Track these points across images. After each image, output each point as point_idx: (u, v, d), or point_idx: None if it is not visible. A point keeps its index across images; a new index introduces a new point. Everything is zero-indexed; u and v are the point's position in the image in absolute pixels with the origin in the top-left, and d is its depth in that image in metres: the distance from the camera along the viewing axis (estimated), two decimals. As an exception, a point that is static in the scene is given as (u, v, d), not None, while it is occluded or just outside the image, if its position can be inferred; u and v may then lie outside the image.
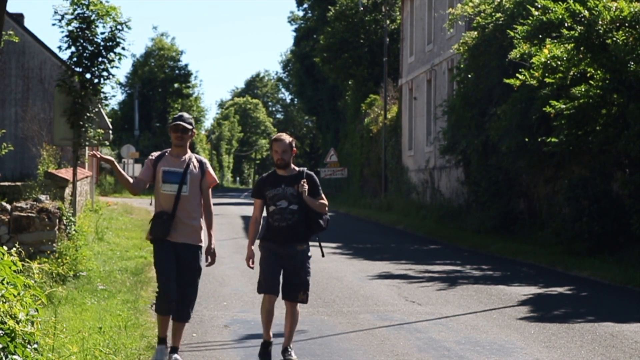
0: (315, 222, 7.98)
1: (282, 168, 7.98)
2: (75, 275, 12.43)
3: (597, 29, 16.11)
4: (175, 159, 7.84)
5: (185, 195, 7.74)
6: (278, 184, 7.95)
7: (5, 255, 5.21)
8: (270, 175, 8.10)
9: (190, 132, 7.89)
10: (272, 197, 7.93)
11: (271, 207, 7.94)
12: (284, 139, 7.99)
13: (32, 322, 5.19)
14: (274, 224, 7.91)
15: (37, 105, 30.74)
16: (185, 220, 7.73)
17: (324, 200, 8.04)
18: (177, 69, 68.60)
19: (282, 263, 7.93)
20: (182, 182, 7.74)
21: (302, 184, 7.84)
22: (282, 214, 7.88)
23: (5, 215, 11.73)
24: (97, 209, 26.04)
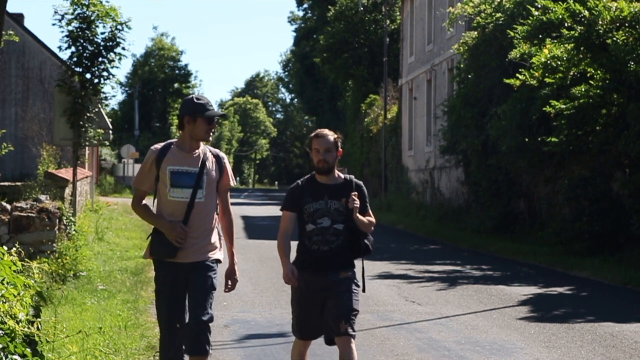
0: (363, 244, 6.30)
1: (323, 174, 6.25)
2: (75, 275, 12.43)
3: (597, 29, 16.11)
4: (186, 154, 6.03)
5: (201, 203, 5.99)
6: (320, 195, 6.22)
7: (5, 255, 5.21)
8: (310, 183, 6.30)
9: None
10: (312, 212, 6.19)
11: (309, 225, 6.19)
12: (327, 135, 6.25)
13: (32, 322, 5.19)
14: (313, 248, 6.18)
15: (37, 105, 30.74)
16: (199, 235, 6.00)
17: (372, 217, 6.35)
18: (177, 69, 68.63)
19: (322, 297, 6.23)
20: (197, 186, 5.97)
21: (353, 198, 6.14)
22: (323, 235, 6.16)
23: (5, 215, 11.73)
24: (97, 209, 26.05)
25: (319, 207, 6.19)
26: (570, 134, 17.51)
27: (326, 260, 6.18)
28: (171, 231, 5.89)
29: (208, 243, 6.05)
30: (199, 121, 6.01)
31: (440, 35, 31.91)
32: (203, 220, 6.02)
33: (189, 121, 6.03)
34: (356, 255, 6.32)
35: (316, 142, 6.24)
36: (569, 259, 16.64)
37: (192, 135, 6.03)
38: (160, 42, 69.42)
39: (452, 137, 25.80)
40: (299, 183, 6.34)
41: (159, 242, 5.95)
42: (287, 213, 6.28)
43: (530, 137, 19.59)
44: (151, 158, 6.07)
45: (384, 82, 39.68)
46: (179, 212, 5.97)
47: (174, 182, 5.98)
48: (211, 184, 6.05)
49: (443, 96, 30.27)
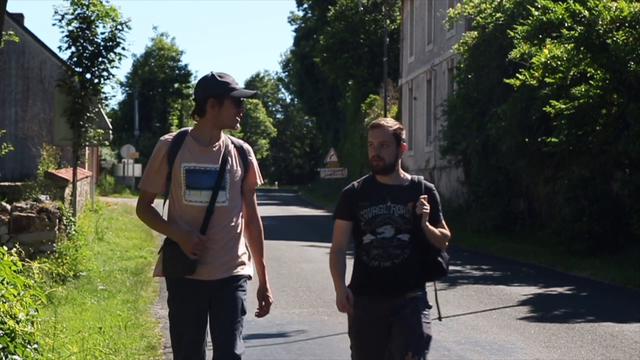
0: (434, 261, 5.06)
1: (381, 173, 5.02)
2: (75, 275, 12.44)
3: (597, 29, 16.12)
4: (204, 147, 4.91)
5: (224, 207, 4.90)
6: (380, 197, 4.99)
7: (5, 255, 5.21)
8: (368, 184, 5.08)
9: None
10: (370, 219, 4.96)
11: (367, 236, 4.96)
12: (384, 126, 5.03)
13: (32, 322, 5.19)
14: (372, 264, 4.94)
15: (37, 105, 30.75)
16: (223, 246, 4.92)
17: (446, 229, 5.11)
18: (177, 69, 68.62)
19: (387, 326, 5.00)
20: (217, 187, 4.89)
21: (422, 202, 4.93)
22: (385, 248, 4.93)
23: (5, 215, 11.73)
24: (97, 209, 26.05)
25: (379, 212, 4.95)
26: (570, 134, 17.52)
27: (389, 280, 4.93)
28: (186, 242, 4.81)
29: (235, 256, 4.95)
30: (226, 104, 4.86)
31: (440, 35, 31.91)
32: (227, 228, 4.91)
33: (213, 105, 4.85)
34: (429, 274, 5.10)
35: (371, 133, 5.05)
36: (569, 259, 16.64)
37: (216, 122, 4.88)
38: (160, 42, 69.41)
39: (452, 137, 25.81)
40: (354, 185, 5.11)
41: (173, 256, 4.84)
42: (340, 222, 5.04)
43: (530, 137, 19.59)
44: (161, 153, 4.90)
45: (384, 82, 39.70)
46: (197, 219, 4.86)
47: (190, 183, 4.86)
48: (235, 183, 4.95)
49: (443, 96, 30.27)
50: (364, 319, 4.99)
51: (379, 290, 4.97)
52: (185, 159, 4.90)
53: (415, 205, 4.95)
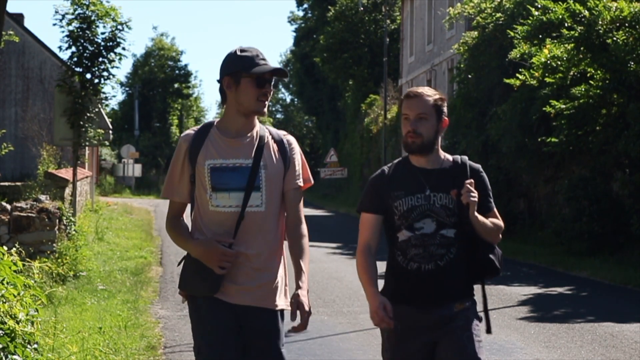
0: (485, 259, 4.16)
1: (415, 153, 4.14)
2: (75, 275, 12.44)
3: (597, 29, 16.12)
4: (231, 140, 4.08)
5: (259, 213, 4.04)
6: (417, 185, 4.12)
7: (5, 255, 5.21)
8: (401, 168, 4.20)
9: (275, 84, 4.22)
10: (406, 212, 4.09)
11: (403, 232, 4.10)
12: (422, 95, 4.13)
13: (32, 322, 5.19)
14: (411, 267, 4.09)
15: (37, 105, 30.75)
16: (258, 264, 4.05)
17: (499, 219, 4.25)
18: (177, 69, 68.59)
19: (429, 343, 4.14)
20: (250, 187, 4.02)
21: (468, 188, 4.03)
22: (426, 247, 4.06)
23: (5, 215, 11.73)
24: (97, 209, 26.05)
25: (417, 203, 4.08)
26: (570, 134, 17.52)
27: (432, 286, 4.07)
28: (209, 254, 3.97)
29: (272, 279, 4.07)
30: (243, 83, 4.02)
31: (440, 35, 31.92)
32: (263, 240, 4.03)
33: (229, 85, 4.05)
34: (476, 276, 4.19)
35: (406, 105, 4.14)
36: (569, 259, 16.64)
37: (238, 107, 4.05)
38: (160, 42, 69.39)
39: (452, 137, 25.81)
40: (385, 170, 4.21)
41: (194, 269, 4.02)
42: (367, 216, 4.16)
43: (530, 137, 19.59)
44: (182, 151, 4.09)
45: (384, 82, 39.70)
46: (226, 228, 4.01)
47: (216, 184, 4.02)
48: (273, 183, 4.05)
49: (443, 96, 30.27)
50: (402, 332, 4.11)
51: (420, 298, 4.08)
52: (209, 155, 4.04)
53: (460, 192, 4.04)
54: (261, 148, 4.08)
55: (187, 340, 8.89)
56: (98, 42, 16.99)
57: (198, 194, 4.11)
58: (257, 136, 4.11)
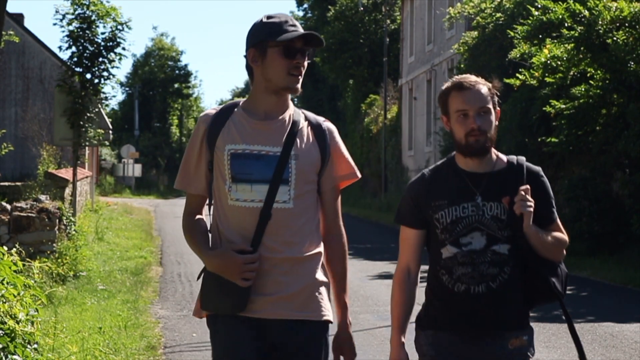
0: (543, 279, 3.48)
1: (480, 154, 3.52)
2: (75, 275, 12.44)
3: (597, 29, 16.12)
4: (258, 123, 3.45)
5: (286, 210, 3.41)
6: (464, 193, 3.50)
7: (5, 255, 5.21)
8: (446, 171, 3.60)
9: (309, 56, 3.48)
10: (450, 224, 3.48)
11: (447, 248, 3.48)
12: (480, 85, 3.52)
13: (32, 322, 5.19)
14: (457, 289, 3.46)
15: (37, 105, 30.76)
16: (287, 268, 3.41)
17: (562, 232, 3.63)
18: (177, 69, 68.65)
19: None
20: (277, 179, 3.40)
21: (522, 197, 3.40)
22: (476, 266, 3.44)
23: (5, 215, 11.73)
24: (97, 209, 26.06)
25: (463, 213, 3.45)
26: (570, 134, 17.52)
27: (483, 312, 3.44)
28: (226, 266, 3.34)
29: (310, 284, 3.43)
30: (270, 54, 3.39)
31: (440, 35, 31.92)
32: (291, 242, 3.39)
33: (255, 57, 3.43)
34: (533, 299, 3.55)
35: (461, 98, 3.47)
36: (569, 259, 16.54)
37: (266, 84, 3.42)
38: (160, 42, 69.42)
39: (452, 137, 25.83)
40: (424, 174, 3.62)
41: (214, 284, 3.39)
42: (407, 232, 3.56)
43: (530, 137, 19.60)
44: (200, 133, 3.47)
45: (384, 82, 39.71)
46: (248, 228, 3.38)
47: (237, 174, 3.38)
48: (305, 176, 3.42)
49: (443, 96, 30.29)
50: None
51: (467, 326, 3.45)
52: (231, 139, 3.40)
53: (513, 200, 3.41)
54: (294, 134, 3.41)
55: (187, 340, 8.90)
56: (98, 42, 17.00)
57: (216, 185, 3.46)
58: (290, 120, 3.45)
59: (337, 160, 3.51)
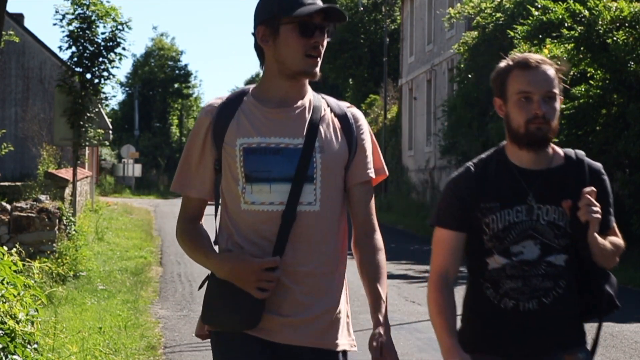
0: (599, 290, 3.09)
1: (540, 146, 3.01)
2: (75, 275, 12.45)
3: (597, 29, 16.13)
4: (273, 111, 2.95)
5: (311, 213, 2.90)
6: (517, 194, 3.00)
7: (5, 255, 5.21)
8: (493, 167, 3.07)
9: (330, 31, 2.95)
10: (501, 231, 2.99)
11: (495, 257, 3.01)
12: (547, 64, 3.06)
13: (32, 322, 5.19)
14: (505, 305, 3.01)
15: (37, 105, 30.77)
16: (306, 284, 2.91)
17: (619, 236, 3.28)
18: (177, 69, 68.66)
19: None
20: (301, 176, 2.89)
21: (588, 201, 2.90)
22: (527, 279, 2.98)
23: (5, 215, 11.73)
24: (97, 209, 26.06)
25: (518, 219, 2.95)
26: (570, 134, 17.52)
27: (534, 331, 2.98)
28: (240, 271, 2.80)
29: (331, 308, 2.94)
30: (283, 32, 2.86)
31: (440, 35, 31.93)
32: (317, 252, 2.89)
33: (265, 36, 2.90)
34: (590, 313, 3.08)
35: (524, 78, 2.96)
36: (569, 259, 16.66)
37: (279, 67, 2.90)
38: (160, 42, 69.43)
39: (452, 137, 25.82)
40: (470, 168, 3.06)
41: (221, 295, 2.86)
42: (445, 234, 3.05)
43: (530, 137, 19.61)
44: (203, 126, 2.95)
45: (384, 82, 39.72)
46: (266, 235, 2.86)
47: (252, 172, 2.87)
48: (332, 172, 2.91)
49: (443, 96, 30.29)
50: None
51: (515, 348, 2.99)
52: (243, 132, 2.88)
53: (577, 205, 2.90)
54: (316, 123, 2.89)
55: (187, 340, 8.90)
56: (98, 42, 17.01)
57: (225, 187, 2.91)
58: (310, 107, 2.93)
59: (366, 152, 2.97)
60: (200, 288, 3.02)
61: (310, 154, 2.87)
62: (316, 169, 2.88)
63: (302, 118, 2.92)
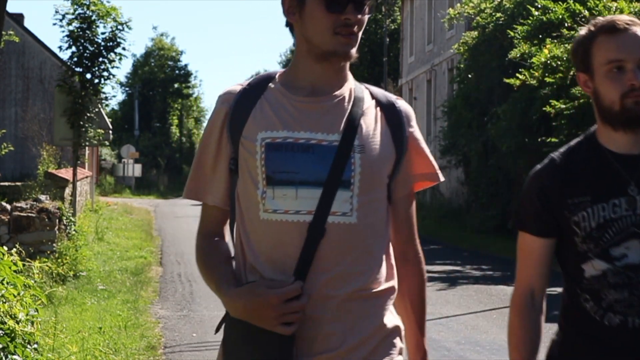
0: None
1: (633, 125, 2.43)
2: (75, 275, 12.45)
3: (597, 29, 16.14)
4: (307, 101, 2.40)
5: (348, 226, 2.33)
6: (615, 183, 2.43)
7: (5, 255, 5.21)
8: (582, 155, 2.52)
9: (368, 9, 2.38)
10: (596, 229, 2.42)
11: (592, 262, 2.44)
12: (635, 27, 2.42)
13: (32, 322, 5.19)
14: (609, 321, 2.42)
15: (37, 105, 30.76)
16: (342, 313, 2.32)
17: None
18: (177, 69, 68.66)
19: None
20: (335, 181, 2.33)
21: None
22: (633, 287, 2.38)
23: (5, 215, 11.73)
24: (97, 209, 26.06)
25: (616, 214, 2.44)
26: (570, 134, 17.50)
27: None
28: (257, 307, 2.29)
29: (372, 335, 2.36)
30: (309, 6, 2.40)
31: (440, 35, 31.93)
32: (355, 275, 2.36)
33: (291, 8, 2.44)
34: None
35: (612, 44, 2.46)
36: (569, 259, 16.66)
37: (308, 47, 2.44)
38: (160, 42, 69.43)
39: (452, 137, 25.83)
40: (555, 159, 2.59)
41: (241, 335, 2.34)
42: (529, 240, 2.57)
43: (530, 137, 19.60)
44: (219, 118, 2.47)
45: (384, 82, 39.70)
46: (288, 252, 2.34)
47: (275, 173, 2.37)
48: (375, 177, 2.41)
49: (443, 96, 30.30)
50: None
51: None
52: (265, 124, 2.38)
53: None
54: (357, 117, 2.38)
55: (187, 340, 8.90)
56: (98, 42, 17.01)
57: (242, 192, 2.39)
58: (350, 97, 2.42)
59: (416, 155, 2.47)
60: (217, 331, 2.44)
61: (347, 153, 2.34)
62: (354, 173, 2.34)
63: (339, 110, 2.40)
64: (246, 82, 2.48)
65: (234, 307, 2.33)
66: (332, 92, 2.41)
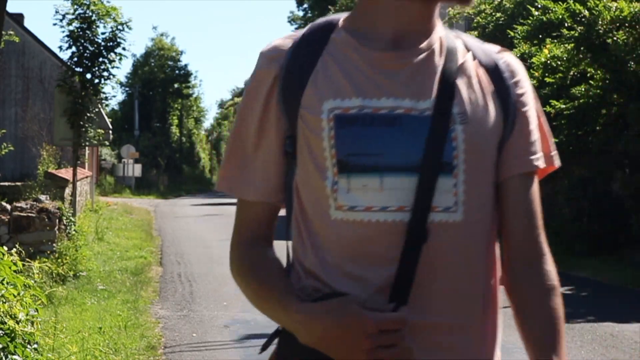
0: None
1: None
2: (75, 275, 12.45)
3: (597, 29, 16.14)
4: (387, 57, 1.66)
5: (451, 226, 1.63)
6: None
7: (5, 255, 5.21)
8: None
9: None
10: None
11: None
12: None
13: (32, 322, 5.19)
14: None
15: (37, 105, 30.76)
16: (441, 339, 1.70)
17: None
18: (177, 69, 68.67)
19: None
20: (434, 165, 1.61)
21: None
22: None
23: (5, 215, 11.73)
24: (97, 209, 26.06)
25: None
26: (570, 134, 17.54)
27: None
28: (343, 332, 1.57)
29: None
30: None
31: (440, 35, 31.97)
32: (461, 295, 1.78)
33: None
34: None
35: None
36: (569, 259, 16.64)
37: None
38: (160, 42, 69.44)
39: (452, 137, 25.86)
40: None
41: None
42: None
43: (530, 137, 19.62)
44: (265, 83, 1.74)
45: (384, 82, 39.70)
46: (375, 262, 1.63)
47: (349, 157, 1.64)
48: (483, 156, 1.69)
49: (443, 96, 30.33)
50: None
51: None
52: (332, 91, 1.70)
53: None
54: (452, 76, 1.72)
55: (187, 340, 8.90)
56: (98, 42, 17.02)
57: (303, 183, 1.73)
58: (442, 50, 1.76)
59: (530, 126, 1.78)
60: (263, 350, 1.91)
61: (446, 125, 1.67)
62: (457, 151, 1.67)
63: (430, 67, 1.72)
64: (296, 35, 1.78)
65: (309, 329, 1.65)
66: (419, 44, 1.72)
